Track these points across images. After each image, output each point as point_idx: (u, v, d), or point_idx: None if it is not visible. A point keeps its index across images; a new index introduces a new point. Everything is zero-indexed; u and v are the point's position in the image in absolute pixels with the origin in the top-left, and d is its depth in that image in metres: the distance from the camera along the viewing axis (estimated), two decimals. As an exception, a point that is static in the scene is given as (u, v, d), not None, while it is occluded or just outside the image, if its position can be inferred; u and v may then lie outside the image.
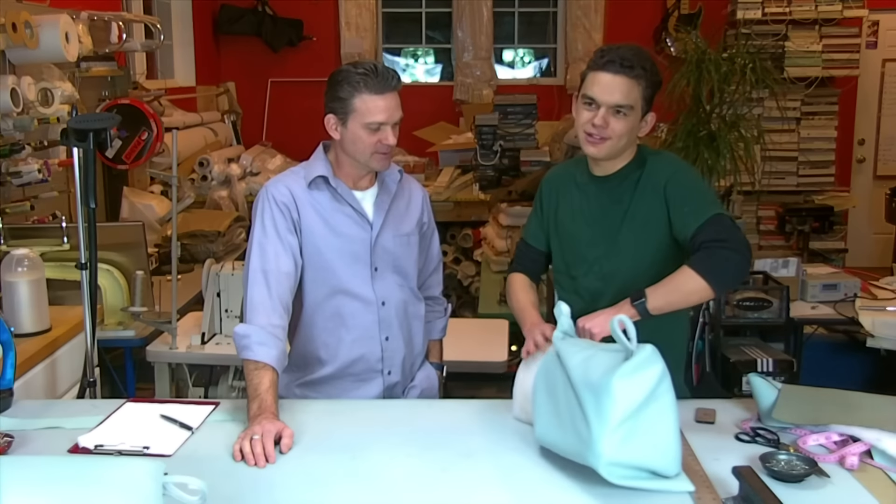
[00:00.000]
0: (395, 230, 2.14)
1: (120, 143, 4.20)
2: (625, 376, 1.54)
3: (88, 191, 2.15)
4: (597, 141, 1.97)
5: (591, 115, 1.96)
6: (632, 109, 1.94)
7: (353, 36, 7.07)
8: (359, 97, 1.98)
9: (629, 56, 1.93)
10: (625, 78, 1.92)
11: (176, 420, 1.89)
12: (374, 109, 1.97)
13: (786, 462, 1.63)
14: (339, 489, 1.60)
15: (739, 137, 4.07)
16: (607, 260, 2.06)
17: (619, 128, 1.95)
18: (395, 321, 2.15)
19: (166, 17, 6.14)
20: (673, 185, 1.98)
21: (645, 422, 1.54)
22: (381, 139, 2.00)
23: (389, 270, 2.14)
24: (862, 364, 3.71)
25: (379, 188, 2.14)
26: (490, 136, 5.32)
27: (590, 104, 1.96)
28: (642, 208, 2.02)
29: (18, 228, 3.30)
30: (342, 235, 2.08)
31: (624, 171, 2.05)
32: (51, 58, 3.57)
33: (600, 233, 2.07)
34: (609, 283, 2.06)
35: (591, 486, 1.60)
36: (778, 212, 6.20)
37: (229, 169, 5.51)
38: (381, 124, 1.99)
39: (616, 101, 1.93)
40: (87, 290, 2.21)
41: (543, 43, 7.50)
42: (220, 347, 3.11)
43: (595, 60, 1.96)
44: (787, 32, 6.13)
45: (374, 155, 2.03)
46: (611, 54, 1.94)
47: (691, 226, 1.92)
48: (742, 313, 3.36)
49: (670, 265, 1.96)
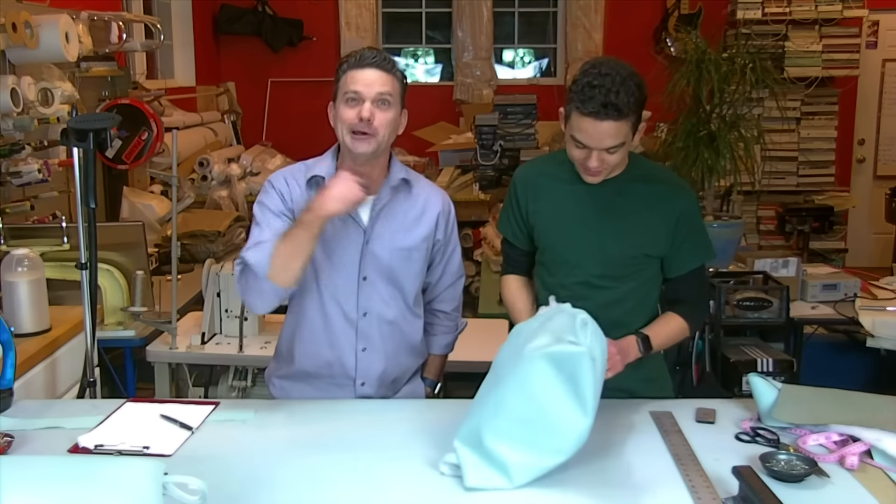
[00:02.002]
0: (393, 241, 2.07)
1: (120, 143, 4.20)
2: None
3: (88, 191, 2.15)
4: (594, 174, 1.96)
5: (584, 156, 1.92)
6: (622, 144, 1.90)
7: (353, 36, 7.07)
8: (343, 75, 1.99)
9: (613, 100, 1.82)
10: (611, 123, 1.85)
11: (176, 420, 1.89)
12: (350, 81, 1.96)
13: (786, 462, 1.63)
14: (339, 489, 1.60)
15: (739, 137, 4.07)
16: (592, 265, 2.04)
17: (614, 160, 1.93)
18: (376, 334, 2.08)
19: (166, 17, 6.14)
20: (688, 217, 2.03)
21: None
22: (357, 113, 1.94)
23: (382, 281, 2.07)
24: (862, 364, 3.71)
25: (377, 196, 2.07)
26: (490, 136, 5.32)
27: (580, 147, 1.92)
28: (641, 222, 2.02)
29: (18, 228, 3.30)
30: (331, 239, 2.03)
31: (621, 180, 2.02)
32: (51, 58, 3.57)
33: (588, 237, 2.04)
34: (591, 290, 2.03)
35: (591, 485, 1.60)
36: (778, 212, 6.20)
37: (229, 169, 5.51)
38: (356, 94, 1.95)
39: (606, 146, 1.89)
40: (87, 290, 2.21)
41: (543, 43, 7.50)
42: (220, 347, 3.11)
43: (579, 102, 1.85)
44: (787, 32, 6.14)
45: (350, 135, 1.96)
46: (594, 101, 1.83)
47: (688, 264, 2.05)
48: (742, 313, 3.36)
49: (650, 282, 2.07)
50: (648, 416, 1.95)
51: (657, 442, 1.81)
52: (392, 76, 1.99)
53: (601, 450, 1.76)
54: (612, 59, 1.91)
